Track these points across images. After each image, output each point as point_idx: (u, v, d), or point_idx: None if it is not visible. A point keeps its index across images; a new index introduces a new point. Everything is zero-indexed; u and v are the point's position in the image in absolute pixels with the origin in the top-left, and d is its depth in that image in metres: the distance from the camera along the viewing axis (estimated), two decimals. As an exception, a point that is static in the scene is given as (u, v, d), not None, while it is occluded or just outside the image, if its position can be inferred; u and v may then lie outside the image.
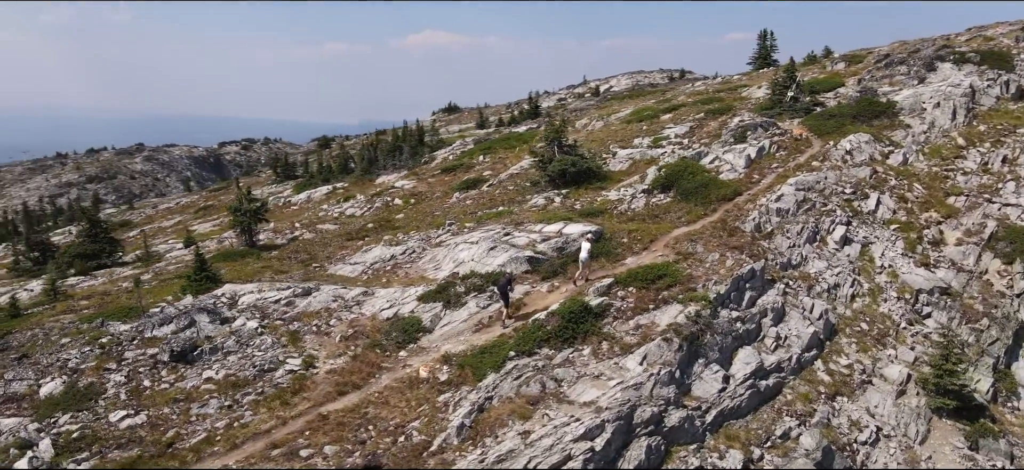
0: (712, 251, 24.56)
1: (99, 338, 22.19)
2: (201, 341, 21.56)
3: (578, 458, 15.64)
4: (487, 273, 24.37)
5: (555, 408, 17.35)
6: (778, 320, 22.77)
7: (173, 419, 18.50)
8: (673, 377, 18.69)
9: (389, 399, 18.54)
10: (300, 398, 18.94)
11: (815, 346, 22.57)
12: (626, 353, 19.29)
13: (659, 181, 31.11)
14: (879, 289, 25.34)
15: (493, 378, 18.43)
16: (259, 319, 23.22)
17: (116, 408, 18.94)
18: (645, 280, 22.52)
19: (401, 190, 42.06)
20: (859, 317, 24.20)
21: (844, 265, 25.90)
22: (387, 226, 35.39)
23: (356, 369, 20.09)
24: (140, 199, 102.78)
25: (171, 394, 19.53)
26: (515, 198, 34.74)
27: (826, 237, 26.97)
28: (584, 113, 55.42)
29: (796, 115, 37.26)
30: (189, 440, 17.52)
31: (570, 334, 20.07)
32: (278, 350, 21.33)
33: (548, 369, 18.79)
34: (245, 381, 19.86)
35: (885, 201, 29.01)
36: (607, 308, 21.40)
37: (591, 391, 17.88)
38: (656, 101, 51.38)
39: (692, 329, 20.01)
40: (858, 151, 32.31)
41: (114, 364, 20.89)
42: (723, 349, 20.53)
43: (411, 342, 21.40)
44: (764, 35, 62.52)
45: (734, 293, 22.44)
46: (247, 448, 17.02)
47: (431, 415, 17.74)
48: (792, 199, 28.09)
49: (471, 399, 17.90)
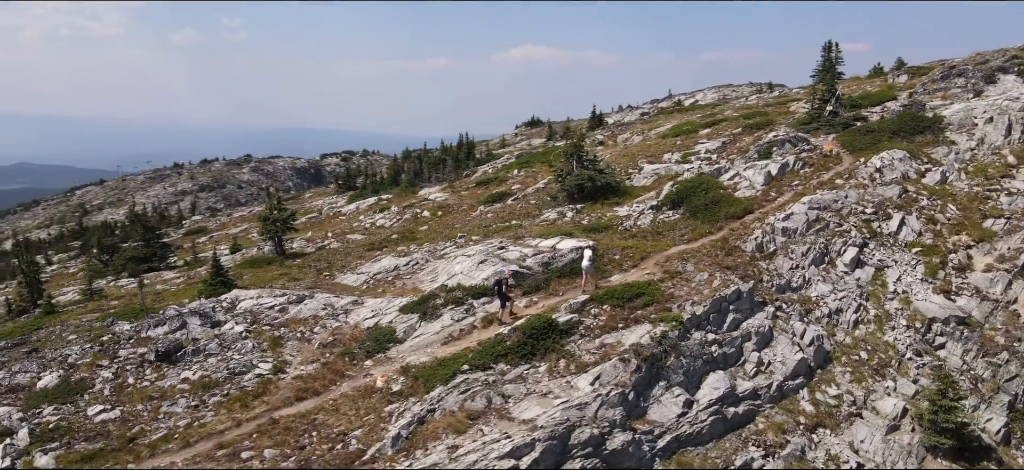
0: (702, 271, 23.69)
1: (101, 336, 23.68)
2: (187, 343, 22.64)
3: (504, 477, 15.46)
4: (470, 286, 24.43)
5: (493, 424, 17.18)
6: (763, 345, 21.69)
7: (143, 416, 19.49)
8: (625, 399, 18.13)
9: (341, 407, 18.86)
10: (260, 402, 19.54)
11: (802, 374, 21.35)
12: (581, 372, 18.88)
13: (670, 197, 30.28)
14: (887, 316, 23.69)
15: (440, 391, 18.44)
16: (248, 324, 24.15)
17: (96, 402, 20.15)
18: (621, 298, 21.97)
19: (433, 203, 42.73)
20: (859, 345, 22.71)
21: (851, 289, 24.38)
22: (409, 237, 36.01)
23: (321, 376, 20.55)
24: (244, 207, 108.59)
25: (148, 392, 20.59)
26: (532, 212, 34.64)
27: (835, 259, 25.47)
28: (628, 127, 54.61)
29: (833, 130, 35.38)
30: (150, 437, 18.40)
31: (529, 350, 19.83)
32: (255, 354, 22.11)
33: (498, 384, 18.63)
34: (216, 383, 20.69)
35: (910, 222, 27.11)
36: (576, 325, 21.02)
37: (534, 409, 17.59)
38: (701, 116, 50.00)
39: (654, 350, 19.37)
40: (889, 169, 30.36)
41: (107, 361, 22.23)
42: (691, 372, 19.74)
43: (380, 352, 21.69)
44: (829, 46, 59.42)
45: (714, 315, 21.54)
46: (198, 447, 17.70)
47: (374, 424, 17.92)
48: (802, 218, 26.70)
49: (414, 411, 17.97)
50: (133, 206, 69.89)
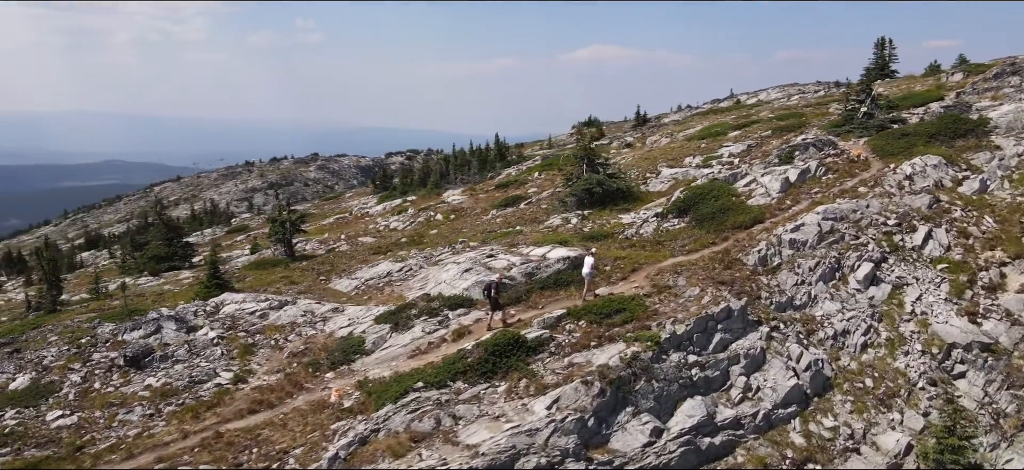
0: (694, 285, 22.02)
1: (80, 338, 23.64)
2: (158, 347, 22.32)
3: (429, 507, 14.36)
4: (449, 296, 23.43)
5: (435, 449, 16.08)
6: (753, 368, 19.91)
7: (99, 423, 19.17)
8: (583, 425, 16.76)
9: (289, 422, 18.06)
10: (212, 413, 18.94)
11: (796, 402, 19.49)
12: (540, 394, 17.58)
13: (676, 205, 28.52)
14: (901, 339, 21.49)
15: (388, 409, 17.43)
16: (225, 329, 23.73)
17: (57, 407, 19.97)
18: (600, 314, 20.55)
19: (449, 205, 41.89)
20: (865, 371, 20.63)
21: (862, 309, 22.26)
22: (416, 241, 35.20)
23: (279, 388, 19.84)
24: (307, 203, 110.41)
25: (110, 398, 20.30)
26: (540, 217, 33.36)
27: (848, 275, 23.33)
28: (660, 129, 52.49)
29: (866, 133, 32.79)
30: (99, 445, 18.02)
31: (491, 368, 18.65)
32: (221, 362, 21.62)
33: (450, 404, 17.52)
34: (175, 391, 20.25)
35: (938, 235, 24.66)
36: (546, 342, 19.72)
37: (482, 433, 16.41)
38: (735, 117, 47.57)
39: (622, 372, 17.90)
40: (921, 176, 27.81)
41: (79, 364, 22.11)
42: (664, 398, 18.19)
43: (345, 363, 20.87)
44: (881, 43, 56.06)
45: (698, 334, 19.88)
46: (140, 460, 17.18)
47: (317, 443, 17.03)
48: (814, 230, 24.61)
49: (358, 430, 17.01)
50: (158, 205, 71.31)
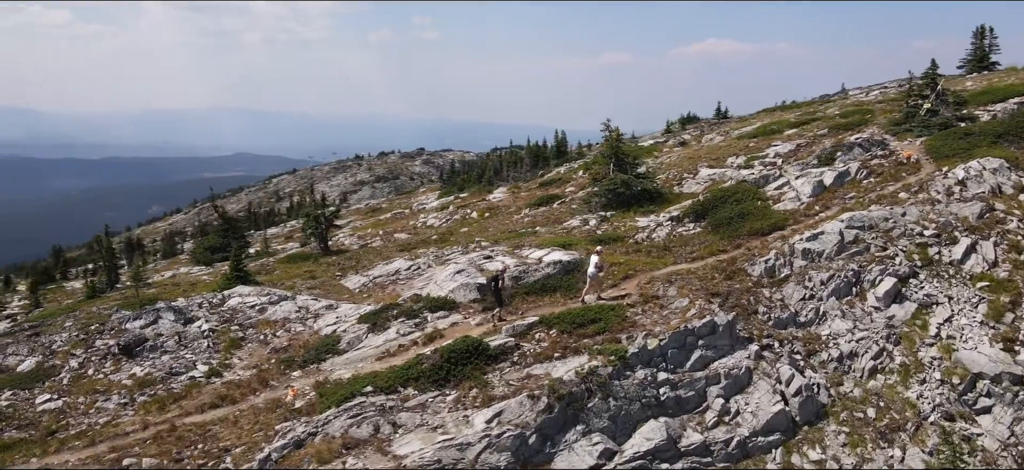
0: (685, 296, 20.41)
1: (88, 325, 24.75)
2: (152, 337, 23.00)
3: (334, 519, 13.86)
4: (434, 297, 22.88)
5: (362, 458, 15.54)
6: (736, 390, 18.16)
7: (79, 409, 19.93)
8: (524, 442, 15.76)
9: (241, 420, 18.05)
10: (177, 406, 19.26)
11: (780, 430, 17.61)
12: (486, 405, 16.70)
13: (694, 208, 26.70)
14: (918, 366, 19.03)
15: (331, 412, 17.03)
16: (220, 322, 24.18)
17: (48, 391, 20.93)
18: (573, 323, 19.39)
19: (488, 203, 41.34)
20: (869, 400, 18.41)
21: (877, 329, 19.91)
22: (444, 240, 34.89)
23: (246, 384, 19.93)
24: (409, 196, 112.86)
25: (97, 385, 21.09)
26: (564, 217, 32.23)
27: (867, 290, 20.95)
28: (716, 127, 49.67)
29: (926, 132, 29.51)
30: (70, 431, 18.72)
31: (445, 375, 17.91)
32: (204, 355, 22.02)
33: (394, 411, 16.93)
34: (153, 381, 20.76)
35: (984, 249, 21.76)
36: (510, 351, 18.78)
37: (414, 443, 15.75)
38: (798, 114, 44.25)
39: (575, 388, 16.73)
40: (976, 181, 24.68)
41: (81, 350, 23.13)
42: (622, 417, 16.86)
43: (316, 362, 20.72)
44: (981, 32, 50.79)
45: (674, 350, 18.34)
46: (98, 448, 17.63)
47: (258, 443, 16.89)
48: (834, 239, 22.28)
49: (298, 432, 16.71)
50: (215, 202, 74.14)
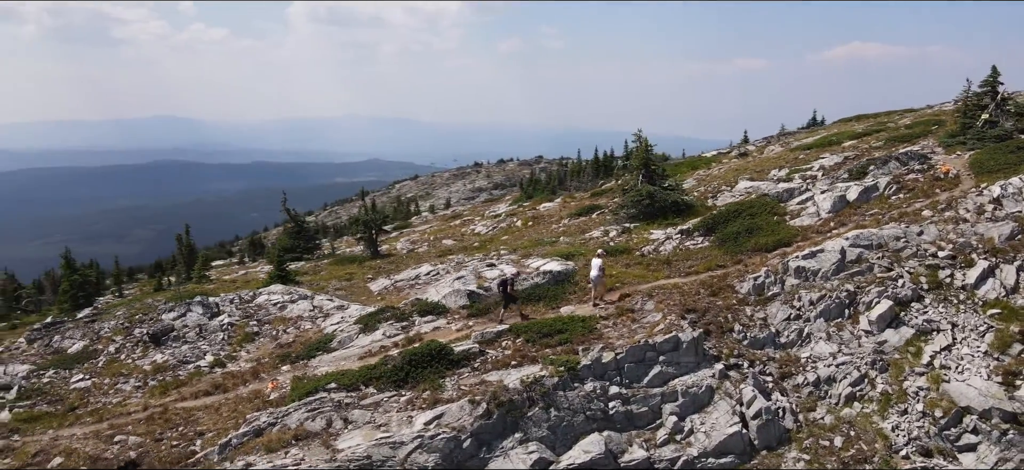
0: (660, 311, 20.13)
1: (133, 315, 27.36)
2: (178, 328, 25.19)
3: (262, 503, 14.92)
4: (427, 302, 23.70)
5: (306, 449, 16.56)
6: (694, 409, 17.75)
7: (102, 389, 22.25)
8: (457, 445, 16.24)
9: (222, 408, 19.60)
10: (177, 391, 21.13)
11: (734, 453, 17.05)
12: (431, 407, 17.29)
13: (705, 222, 26.01)
14: (901, 395, 17.78)
15: (292, 406, 18.21)
16: (242, 316, 26.10)
17: (84, 372, 23.45)
18: (539, 332, 19.65)
19: (535, 212, 41.76)
20: (839, 428, 17.42)
21: (862, 354, 18.76)
22: (486, 247, 35.65)
23: (241, 376, 21.55)
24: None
25: (124, 368, 23.41)
26: (592, 227, 32.23)
27: (860, 313, 19.77)
28: (780, 139, 47.32)
29: (980, 145, 27.14)
30: (87, 408, 20.98)
31: (404, 376, 18.66)
32: (216, 347, 23.91)
33: (349, 407, 17.86)
34: (166, 368, 22.82)
35: (1004, 273, 19.90)
36: (474, 356, 19.27)
37: (356, 439, 16.60)
38: (866, 125, 41.53)
39: (516, 396, 16.99)
40: (1014, 198, 22.55)
41: (120, 337, 25.67)
42: (562, 428, 16.94)
43: (307, 358, 22.03)
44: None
45: (632, 364, 18.16)
46: (101, 425, 19.69)
47: (228, 429, 18.32)
48: (834, 257, 21.13)
49: (261, 421, 17.97)
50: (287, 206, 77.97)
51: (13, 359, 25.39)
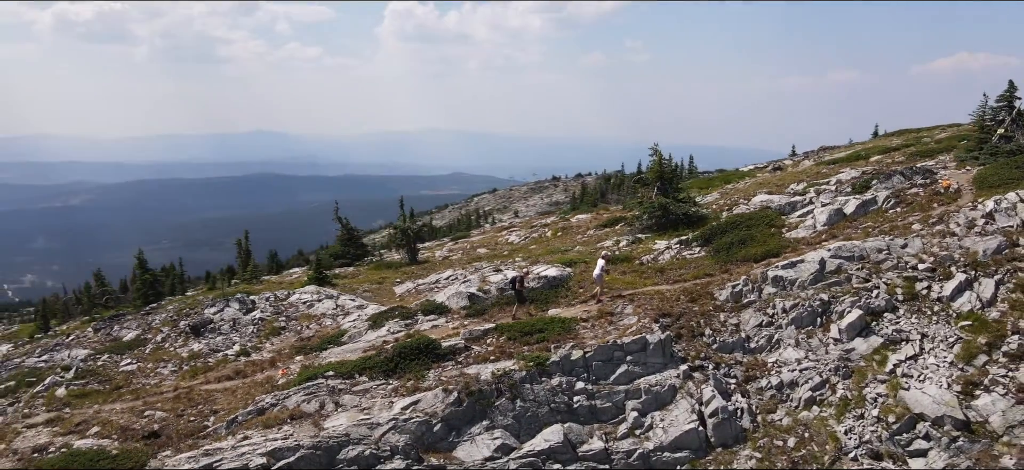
0: (636, 314, 21.28)
1: (182, 309, 30.36)
2: (216, 322, 27.93)
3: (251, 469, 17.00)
4: (433, 303, 25.51)
5: (298, 426, 18.59)
6: (657, 406, 18.88)
7: (146, 371, 25.09)
8: (429, 429, 17.96)
9: (238, 391, 21.95)
10: (203, 376, 23.68)
11: (690, 448, 18.09)
12: (411, 394, 19.07)
13: (704, 233, 26.86)
14: (859, 401, 18.35)
15: (293, 390, 20.33)
16: (273, 313, 28.64)
17: (132, 357, 26.42)
18: (522, 331, 21.14)
19: (566, 223, 43.10)
20: (795, 430, 18.17)
21: (829, 361, 19.39)
22: (512, 254, 37.32)
23: (261, 364, 23.93)
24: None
25: (165, 355, 26.25)
26: (608, 237, 33.40)
27: (832, 322, 20.36)
28: (815, 154, 46.81)
29: (993, 160, 26.85)
30: (130, 387, 23.80)
31: (393, 367, 20.50)
32: (245, 339, 26.44)
33: (341, 393, 19.83)
34: (199, 355, 25.47)
35: (982, 287, 20.06)
36: (460, 351, 20.95)
37: (341, 419, 18.52)
38: (901, 140, 40.87)
39: (486, 387, 18.57)
40: (1007, 213, 22.50)
41: (167, 328, 28.63)
42: (527, 418, 18.41)
43: (320, 351, 24.18)
44: None
45: (599, 362, 19.45)
46: (136, 402, 22.38)
47: (239, 408, 20.60)
48: (813, 268, 21.74)
49: (265, 402, 20.17)
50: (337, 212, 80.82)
51: (78, 344, 28.79)
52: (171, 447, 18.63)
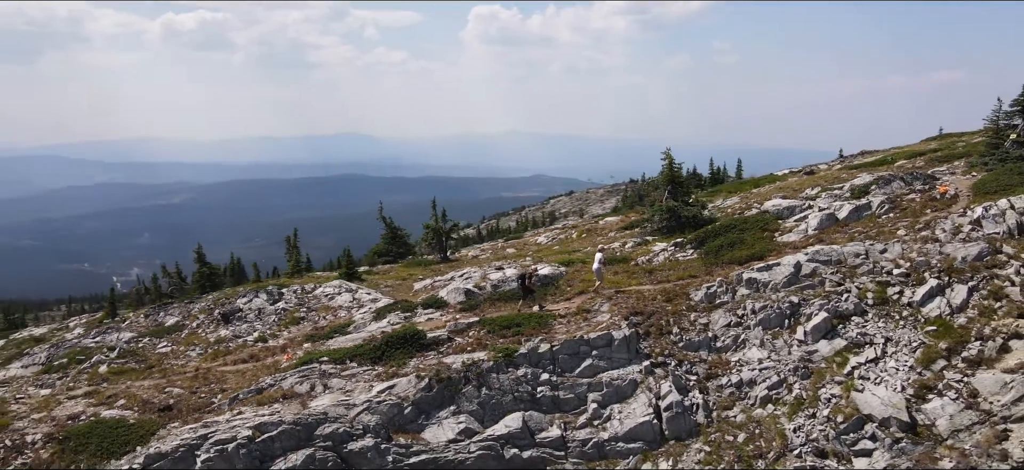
0: (611, 311, 22.27)
1: (220, 298, 33.07)
2: (243, 310, 30.40)
3: (239, 440, 19.01)
4: (435, 298, 27.11)
5: (287, 405, 20.53)
6: (617, 399, 19.89)
7: (177, 353, 27.74)
8: (400, 411, 19.56)
9: (248, 372, 24.14)
10: (222, 359, 26.04)
11: (643, 439, 19.03)
12: (389, 379, 20.70)
13: (698, 236, 27.42)
14: (813, 401, 18.78)
15: (289, 372, 22.31)
16: (296, 304, 30.92)
17: (168, 340, 29.18)
18: (502, 325, 22.47)
19: (592, 225, 43.98)
20: (747, 426, 18.80)
21: (789, 361, 19.87)
22: (536, 254, 38.59)
23: (272, 349, 26.13)
24: None
25: (196, 339, 28.88)
26: (627, 239, 34.25)
27: (799, 324, 20.78)
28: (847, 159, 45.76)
29: (1002, 166, 26.25)
30: (161, 367, 26.44)
31: (380, 354, 22.20)
32: (265, 327, 28.76)
33: (331, 376, 21.69)
34: (223, 340, 27.93)
35: (954, 293, 20.02)
36: (443, 342, 22.46)
37: (325, 399, 20.37)
38: (935, 145, 39.69)
39: (455, 374, 20.01)
40: (994, 220, 22.19)
41: (203, 316, 31.34)
42: (491, 405, 19.76)
43: (327, 339, 26.15)
44: None
45: (566, 356, 20.58)
46: (162, 380, 24.91)
47: (242, 387, 22.75)
48: (788, 271, 22.13)
49: (264, 383, 22.24)
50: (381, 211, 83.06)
51: (128, 329, 31.87)
52: (180, 419, 20.87)
